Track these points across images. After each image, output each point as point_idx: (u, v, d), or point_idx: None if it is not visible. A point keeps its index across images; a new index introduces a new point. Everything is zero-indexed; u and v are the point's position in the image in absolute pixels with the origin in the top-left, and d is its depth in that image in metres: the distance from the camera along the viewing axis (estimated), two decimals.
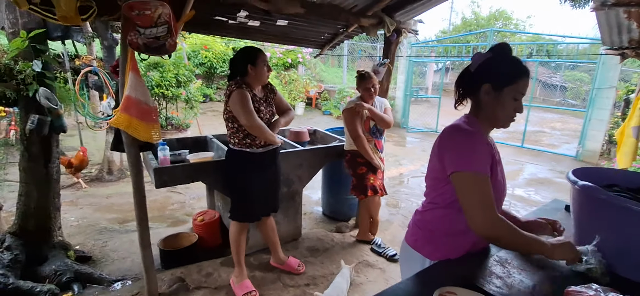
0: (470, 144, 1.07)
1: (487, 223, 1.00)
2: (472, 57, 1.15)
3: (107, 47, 4.28)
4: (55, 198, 2.60)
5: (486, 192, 1.02)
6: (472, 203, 1.02)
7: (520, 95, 1.09)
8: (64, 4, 1.49)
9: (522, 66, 1.09)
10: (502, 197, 1.19)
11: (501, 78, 1.08)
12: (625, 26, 2.70)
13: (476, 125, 1.14)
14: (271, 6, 2.29)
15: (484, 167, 1.04)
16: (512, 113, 1.11)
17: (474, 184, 1.02)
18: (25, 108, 2.36)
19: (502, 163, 1.25)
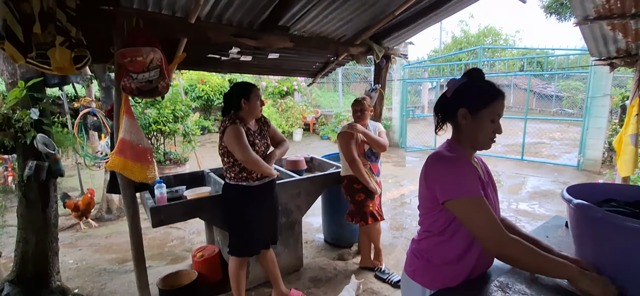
0: (455, 170, 1.07)
1: (500, 243, 1.00)
2: (448, 83, 1.18)
3: (104, 88, 4.37)
4: (53, 242, 2.58)
5: (488, 213, 1.02)
6: (479, 227, 1.02)
7: (498, 117, 1.11)
8: (58, 56, 1.53)
9: (496, 88, 1.11)
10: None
11: (476, 102, 1.10)
12: (610, 37, 2.75)
13: (458, 149, 1.14)
14: (261, 43, 2.35)
15: (476, 190, 1.04)
16: (492, 135, 1.12)
17: (472, 208, 1.02)
18: (23, 155, 2.38)
19: (494, 182, 1.25)
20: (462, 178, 1.05)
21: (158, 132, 5.69)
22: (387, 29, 2.87)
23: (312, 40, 2.64)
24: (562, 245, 1.35)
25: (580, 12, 2.46)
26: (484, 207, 1.02)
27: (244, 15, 2.28)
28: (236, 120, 2.07)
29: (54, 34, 1.54)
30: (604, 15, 2.42)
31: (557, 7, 7.90)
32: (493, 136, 1.12)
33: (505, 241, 1.00)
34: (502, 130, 1.13)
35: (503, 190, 5.57)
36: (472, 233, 1.04)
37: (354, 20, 2.62)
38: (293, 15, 2.38)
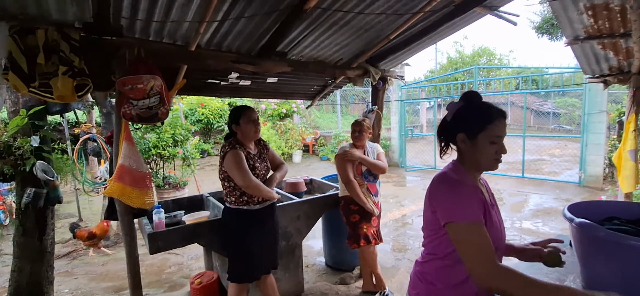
0: (457, 193, 1.06)
1: (487, 275, 0.95)
2: (447, 107, 1.19)
3: (105, 114, 4.41)
4: (48, 271, 2.53)
5: (482, 241, 0.98)
6: (470, 254, 0.99)
7: (498, 139, 1.08)
8: (61, 85, 1.56)
9: (492, 111, 1.09)
10: (501, 240, 1.15)
11: (473, 127, 1.09)
12: (602, 56, 2.81)
13: (462, 172, 1.14)
14: (259, 68, 2.40)
15: (476, 215, 1.02)
16: (495, 156, 1.10)
17: (468, 234, 0.99)
18: (22, 182, 2.38)
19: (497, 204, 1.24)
20: (462, 202, 1.03)
21: (157, 156, 5.70)
22: (383, 52, 2.93)
23: (309, 65, 2.70)
24: (568, 264, 1.33)
25: (570, 33, 2.52)
26: (478, 235, 0.99)
27: (243, 42, 2.33)
28: (236, 144, 2.08)
29: (57, 64, 1.57)
30: (594, 35, 2.48)
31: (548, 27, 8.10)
32: (497, 156, 1.10)
33: (493, 272, 0.95)
34: (505, 150, 1.10)
35: (505, 208, 5.52)
36: (462, 259, 1.01)
37: (350, 44, 2.69)
38: (290, 41, 2.44)
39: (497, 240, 1.09)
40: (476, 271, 0.97)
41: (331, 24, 2.28)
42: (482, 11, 2.44)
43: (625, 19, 2.18)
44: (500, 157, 1.11)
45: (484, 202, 1.11)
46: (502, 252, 1.17)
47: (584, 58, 2.93)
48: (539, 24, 8.20)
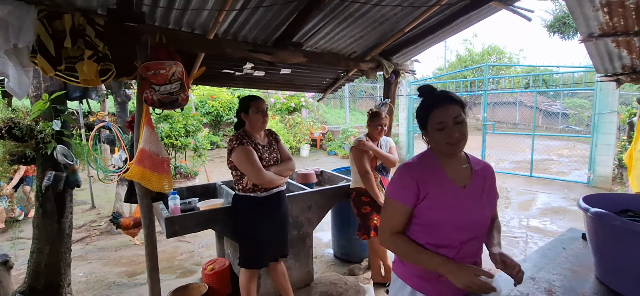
0: (397, 175, 1.24)
1: (382, 239, 1.25)
2: None
3: (120, 103, 4.49)
4: (66, 253, 2.60)
5: (388, 213, 1.23)
6: (381, 224, 1.26)
7: (442, 125, 1.13)
8: (86, 69, 1.61)
9: (433, 98, 1.18)
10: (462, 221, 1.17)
11: (420, 119, 1.22)
12: (615, 54, 2.79)
13: (430, 156, 1.24)
14: (275, 58, 2.43)
15: (396, 194, 1.21)
16: (445, 140, 1.14)
17: (385, 207, 1.26)
18: (43, 165, 2.44)
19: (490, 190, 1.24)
20: (394, 181, 1.23)
21: (170, 146, 5.78)
22: (397, 45, 2.94)
23: (324, 56, 2.72)
24: (581, 257, 1.35)
25: (585, 30, 2.51)
26: (390, 210, 1.22)
27: (259, 32, 2.36)
28: (244, 138, 2.09)
29: (82, 48, 1.62)
30: (608, 33, 2.47)
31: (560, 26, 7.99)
32: (449, 141, 1.14)
33: (388, 239, 1.22)
34: (452, 136, 1.13)
35: (513, 207, 5.51)
36: None
37: (364, 37, 2.70)
38: (306, 32, 2.47)
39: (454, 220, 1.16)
40: (380, 236, 1.26)
41: (347, 15, 2.30)
42: (497, 5, 2.44)
43: None
44: (453, 141, 1.14)
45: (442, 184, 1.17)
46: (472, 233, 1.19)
47: (598, 56, 2.91)
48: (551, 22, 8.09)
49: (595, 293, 1.09)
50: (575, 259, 1.33)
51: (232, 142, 2.08)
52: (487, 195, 1.22)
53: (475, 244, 1.22)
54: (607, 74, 3.27)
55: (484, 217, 1.21)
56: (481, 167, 1.25)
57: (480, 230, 1.22)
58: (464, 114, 1.15)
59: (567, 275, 1.21)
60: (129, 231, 4.01)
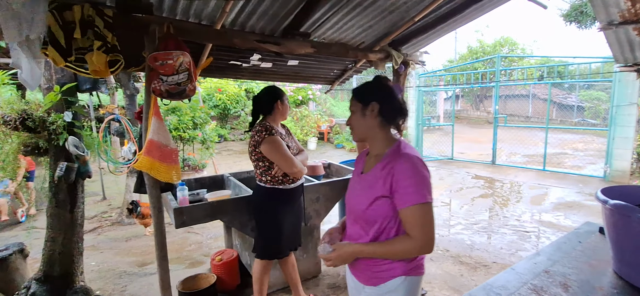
0: None
1: None
2: None
3: (129, 96, 4.53)
4: (79, 242, 2.66)
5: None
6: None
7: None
8: (96, 59, 1.61)
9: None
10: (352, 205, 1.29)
11: None
12: (637, 42, 2.68)
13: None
14: (283, 48, 2.40)
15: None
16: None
17: None
18: (55, 156, 2.49)
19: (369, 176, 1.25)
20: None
21: (178, 139, 5.84)
22: (406, 35, 2.88)
23: (332, 47, 2.68)
24: (598, 251, 1.31)
25: (604, 17, 2.41)
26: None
27: (267, 23, 2.34)
28: (272, 128, 2.11)
29: (92, 39, 1.62)
30: (630, 20, 2.36)
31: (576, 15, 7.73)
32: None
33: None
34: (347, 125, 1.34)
35: (525, 201, 5.41)
36: None
37: (373, 26, 2.65)
38: (314, 22, 2.43)
39: (349, 204, 1.31)
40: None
41: (356, 4, 2.26)
42: None
43: None
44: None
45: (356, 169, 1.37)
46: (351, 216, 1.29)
47: (617, 45, 2.80)
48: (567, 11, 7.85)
49: (614, 288, 1.05)
50: (592, 253, 1.29)
51: (262, 133, 2.09)
52: (380, 186, 1.16)
53: (355, 229, 1.26)
54: (627, 64, 3.15)
55: (359, 203, 1.23)
56: (391, 160, 1.18)
57: (356, 215, 1.25)
58: (358, 105, 1.25)
59: (583, 268, 1.17)
60: (145, 221, 4.09)
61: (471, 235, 4.05)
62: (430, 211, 1.11)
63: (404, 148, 1.21)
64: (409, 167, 1.13)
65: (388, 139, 1.26)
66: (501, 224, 4.41)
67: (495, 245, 3.77)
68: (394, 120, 1.26)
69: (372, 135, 1.26)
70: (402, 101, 1.27)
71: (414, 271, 1.20)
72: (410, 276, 1.19)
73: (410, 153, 1.18)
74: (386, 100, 1.23)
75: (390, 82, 1.28)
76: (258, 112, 2.23)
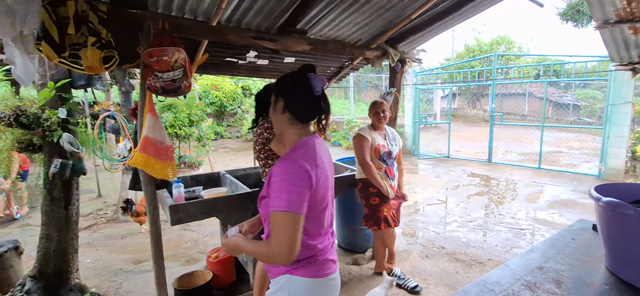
0: None
1: None
2: None
3: (124, 93, 4.50)
4: (73, 239, 2.64)
5: None
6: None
7: None
8: (90, 55, 1.60)
9: None
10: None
11: None
12: (632, 41, 2.70)
13: None
14: (279, 45, 2.40)
15: None
16: None
17: None
18: (49, 153, 2.47)
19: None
20: None
21: (174, 136, 5.81)
22: (403, 33, 2.88)
23: (328, 44, 2.68)
24: (591, 248, 1.32)
25: (600, 16, 2.43)
26: None
27: (263, 19, 2.33)
28: None
29: (86, 35, 1.61)
30: (626, 19, 2.38)
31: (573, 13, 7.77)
32: None
33: None
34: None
35: (520, 199, 5.45)
36: None
37: (370, 24, 2.65)
38: (311, 19, 2.43)
39: None
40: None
41: (352, 1, 2.25)
42: None
43: None
44: None
45: None
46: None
47: (613, 43, 2.82)
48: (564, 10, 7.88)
49: (606, 284, 1.06)
50: (585, 250, 1.30)
51: (272, 130, 2.09)
52: (265, 186, 1.17)
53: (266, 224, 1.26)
54: (622, 63, 3.17)
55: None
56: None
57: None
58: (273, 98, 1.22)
59: (576, 265, 1.18)
60: (139, 219, 4.07)
61: (467, 232, 4.08)
62: (287, 221, 1.05)
63: (294, 151, 1.15)
64: (280, 170, 1.09)
65: (295, 137, 1.20)
66: (496, 222, 4.44)
67: (491, 242, 3.79)
68: (304, 117, 1.19)
69: (283, 131, 1.22)
70: (319, 96, 1.18)
71: (298, 272, 1.17)
72: (294, 276, 1.17)
73: (290, 158, 1.12)
74: (294, 95, 1.17)
75: (311, 75, 1.18)
76: (263, 109, 2.22)
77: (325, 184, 1.18)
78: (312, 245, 1.18)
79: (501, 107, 16.44)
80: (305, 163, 1.10)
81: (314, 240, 1.19)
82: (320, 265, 1.21)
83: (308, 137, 1.20)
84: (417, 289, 2.68)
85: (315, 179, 1.11)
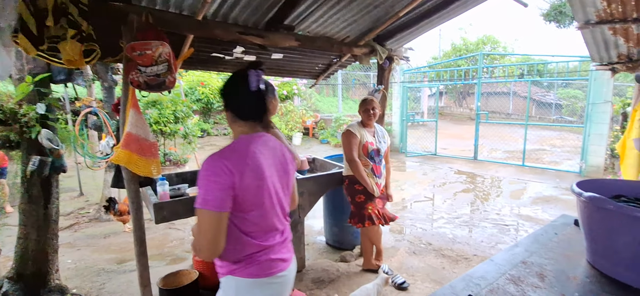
0: None
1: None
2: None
3: (107, 88, 4.38)
4: (53, 239, 2.56)
5: None
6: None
7: None
8: (69, 48, 1.54)
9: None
10: None
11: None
12: (612, 42, 2.78)
13: None
14: (267, 41, 2.37)
15: None
16: None
17: None
18: (27, 150, 2.38)
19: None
20: None
21: (159, 133, 5.69)
22: (391, 30, 2.89)
23: (316, 40, 2.66)
24: (572, 242, 1.35)
25: (582, 17, 2.49)
26: None
27: (250, 15, 2.29)
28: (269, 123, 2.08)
29: (65, 27, 1.55)
30: (606, 20, 2.45)
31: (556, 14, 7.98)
32: None
33: None
34: None
35: (505, 196, 5.57)
36: None
37: (358, 21, 2.65)
38: (298, 14, 2.40)
39: None
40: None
41: None
42: None
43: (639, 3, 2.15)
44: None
45: None
46: None
47: (594, 44, 2.90)
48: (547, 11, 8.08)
49: (587, 277, 1.08)
50: (567, 244, 1.33)
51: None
52: None
53: None
54: (602, 63, 3.26)
55: None
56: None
57: None
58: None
59: (558, 259, 1.21)
60: (122, 218, 3.97)
61: (453, 228, 4.14)
62: (204, 218, 1.07)
63: (223, 149, 1.16)
64: (201, 168, 1.10)
65: (236, 135, 1.22)
66: (482, 218, 4.52)
67: (476, 238, 3.86)
68: (242, 114, 1.20)
69: (231, 128, 1.24)
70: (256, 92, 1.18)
71: (239, 272, 1.17)
72: (236, 276, 1.17)
73: (214, 155, 1.12)
74: (231, 93, 1.20)
75: (250, 71, 1.18)
76: None
77: (261, 184, 1.16)
78: (253, 244, 1.17)
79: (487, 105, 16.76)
80: (227, 161, 1.09)
81: (255, 239, 1.18)
82: (263, 264, 1.20)
83: (248, 135, 1.20)
84: (405, 285, 2.70)
85: (240, 177, 1.10)
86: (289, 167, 1.31)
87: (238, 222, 1.14)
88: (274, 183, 1.22)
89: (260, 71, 1.19)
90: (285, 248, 1.30)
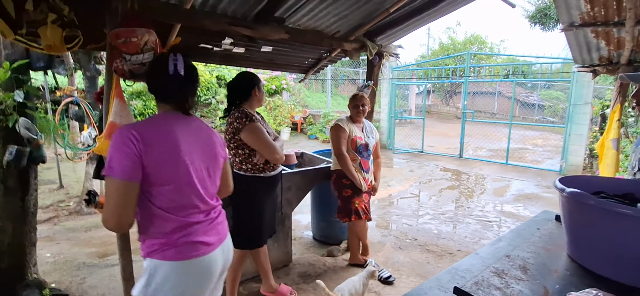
0: None
1: None
2: None
3: (89, 78, 4.24)
4: (31, 232, 2.47)
5: None
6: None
7: None
8: (50, 33, 1.48)
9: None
10: None
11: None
12: (594, 45, 2.86)
13: None
14: (256, 33, 2.33)
15: None
16: None
17: None
18: (4, 139, 2.28)
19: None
20: None
21: None
22: (381, 26, 2.90)
23: (307, 34, 2.64)
24: (554, 237, 1.39)
25: (566, 19, 2.55)
26: None
27: (239, 6, 2.25)
28: (252, 115, 2.05)
29: (46, 11, 1.48)
30: (589, 22, 2.52)
31: (541, 17, 8.18)
32: None
33: None
34: None
35: (488, 193, 5.70)
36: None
37: (348, 16, 2.64)
38: (289, 7, 2.37)
39: None
40: None
41: None
42: None
43: (621, 6, 2.22)
44: None
45: None
46: None
47: (577, 46, 2.98)
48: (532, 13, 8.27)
49: (567, 270, 1.12)
50: (549, 239, 1.37)
51: (242, 120, 2.02)
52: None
53: None
54: (584, 65, 3.36)
55: None
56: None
57: None
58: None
59: (540, 253, 1.24)
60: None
61: (438, 224, 4.21)
62: (111, 186, 1.07)
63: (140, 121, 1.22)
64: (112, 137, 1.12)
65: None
66: (466, 214, 4.61)
67: (461, 233, 3.94)
68: (161, 96, 1.24)
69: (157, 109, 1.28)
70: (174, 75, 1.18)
71: (156, 255, 1.16)
72: (154, 259, 1.16)
73: (124, 126, 1.17)
74: (152, 76, 1.26)
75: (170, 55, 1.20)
76: (234, 98, 2.15)
77: (176, 158, 1.16)
78: (171, 219, 1.16)
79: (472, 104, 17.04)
80: (135, 131, 1.10)
81: (172, 214, 1.16)
82: (182, 247, 1.17)
83: (168, 113, 1.23)
84: (391, 279, 2.73)
85: (149, 148, 1.10)
86: (217, 150, 1.32)
87: (152, 197, 1.13)
88: (193, 161, 1.21)
89: (180, 56, 1.21)
90: (211, 230, 1.26)
